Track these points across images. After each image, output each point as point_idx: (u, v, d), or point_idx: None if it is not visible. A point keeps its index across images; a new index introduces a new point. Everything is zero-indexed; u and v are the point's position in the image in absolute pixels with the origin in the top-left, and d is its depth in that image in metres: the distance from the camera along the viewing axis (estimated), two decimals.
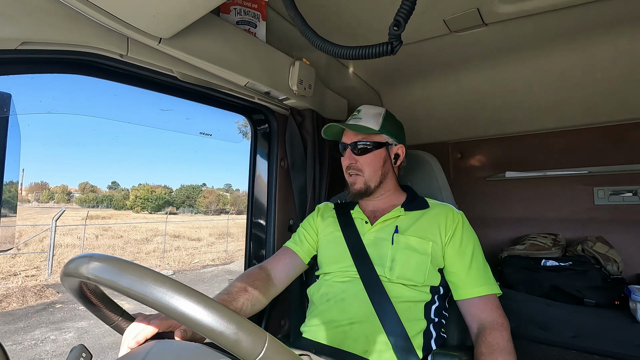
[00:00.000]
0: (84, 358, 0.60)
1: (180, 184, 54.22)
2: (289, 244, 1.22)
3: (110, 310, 0.66)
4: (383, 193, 1.18)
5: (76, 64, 0.86)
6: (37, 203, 44.76)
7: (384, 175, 1.16)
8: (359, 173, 1.14)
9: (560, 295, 1.57)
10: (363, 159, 1.14)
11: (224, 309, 0.41)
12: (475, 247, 1.06)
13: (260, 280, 1.06)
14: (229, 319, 0.40)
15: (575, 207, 1.85)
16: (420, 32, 1.38)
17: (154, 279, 0.42)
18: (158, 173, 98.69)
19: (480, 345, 0.92)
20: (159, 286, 0.41)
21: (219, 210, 42.16)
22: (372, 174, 1.14)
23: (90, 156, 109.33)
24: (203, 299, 0.41)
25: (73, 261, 0.47)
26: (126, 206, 41.28)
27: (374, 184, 1.14)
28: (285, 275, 1.15)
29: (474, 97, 1.83)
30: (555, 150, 1.89)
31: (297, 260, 1.18)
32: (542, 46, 1.46)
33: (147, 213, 35.80)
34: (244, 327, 0.40)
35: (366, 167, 1.14)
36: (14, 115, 0.71)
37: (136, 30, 0.82)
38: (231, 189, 55.70)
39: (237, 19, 1.11)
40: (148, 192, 42.23)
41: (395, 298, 0.98)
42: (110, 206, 31.03)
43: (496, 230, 2.04)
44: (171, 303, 0.40)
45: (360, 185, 1.14)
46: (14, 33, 0.68)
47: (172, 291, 0.41)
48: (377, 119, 1.16)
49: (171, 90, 1.13)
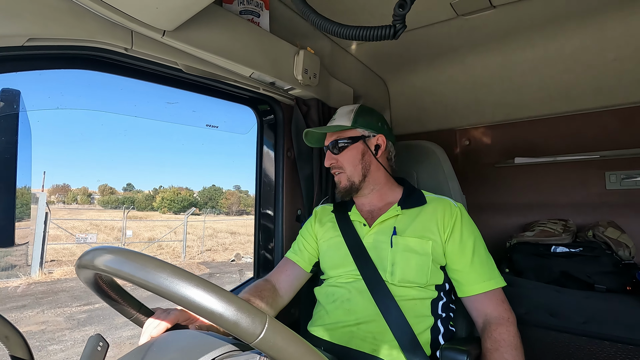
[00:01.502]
0: (101, 347, 0.62)
1: (202, 186, 56.06)
2: (289, 254, 1.24)
3: (129, 304, 0.68)
4: (373, 187, 1.17)
5: (82, 59, 0.87)
6: (63, 205, 46.02)
7: (366, 169, 1.15)
8: (341, 171, 1.16)
9: (570, 281, 1.56)
10: (341, 157, 1.16)
11: (223, 292, 0.41)
12: (477, 241, 1.04)
13: (267, 291, 1.10)
14: (228, 301, 0.40)
15: (586, 192, 1.82)
16: (426, 17, 1.35)
17: (156, 265, 0.43)
18: (170, 175, 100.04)
19: (486, 340, 0.92)
20: (160, 272, 0.42)
21: (240, 211, 43.38)
22: (353, 169, 1.15)
23: (97, 159, 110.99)
24: (202, 282, 0.42)
25: (86, 254, 0.48)
26: (151, 207, 42.89)
27: (357, 179, 1.15)
28: (289, 286, 1.17)
29: (481, 82, 1.80)
30: (565, 134, 1.85)
31: (299, 270, 1.20)
32: (552, 27, 1.42)
33: (172, 214, 36.97)
34: (244, 308, 0.40)
35: (346, 163, 1.15)
36: (23, 111, 0.72)
37: (140, 23, 0.81)
38: (239, 189, 57.15)
39: (240, 9, 1.10)
40: (174, 194, 45.24)
41: (400, 297, 0.99)
42: (132, 207, 31.51)
43: (505, 217, 2.02)
44: (171, 287, 0.41)
45: (345, 182, 1.15)
46: (20, 30, 0.68)
47: (172, 277, 0.41)
48: (349, 115, 1.17)
49: (176, 82, 1.13)
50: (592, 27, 1.40)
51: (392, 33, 0.69)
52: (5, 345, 0.59)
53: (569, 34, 1.45)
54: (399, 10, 0.65)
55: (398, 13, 0.66)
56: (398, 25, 0.68)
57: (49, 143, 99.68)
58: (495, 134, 2.06)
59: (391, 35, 0.69)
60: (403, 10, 0.65)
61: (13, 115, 0.70)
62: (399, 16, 0.66)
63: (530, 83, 1.71)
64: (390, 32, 0.69)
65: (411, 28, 1.43)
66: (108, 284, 0.59)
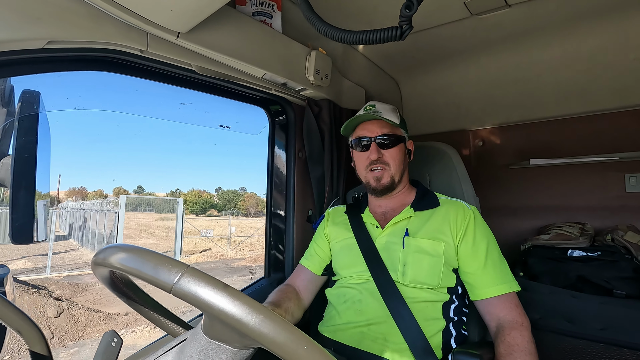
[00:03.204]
0: (115, 343, 0.63)
1: (222, 189, 59.17)
2: (303, 261, 1.27)
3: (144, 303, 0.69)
4: (401, 189, 1.17)
5: (99, 61, 0.89)
6: None
7: (404, 170, 1.16)
8: (385, 167, 1.11)
9: (587, 286, 1.52)
10: (389, 153, 1.11)
11: (148, 251, 0.43)
12: (490, 244, 1.03)
13: (291, 293, 1.15)
14: (148, 255, 0.42)
15: (604, 195, 1.77)
16: (438, 17, 1.34)
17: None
18: (186, 178, 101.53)
19: (499, 345, 0.91)
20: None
21: (258, 212, 44.58)
22: (398, 167, 1.12)
23: (108, 162, 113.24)
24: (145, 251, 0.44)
25: (101, 252, 0.49)
26: (170, 210, 44.41)
27: (398, 178, 1.13)
28: (306, 289, 1.21)
29: (496, 83, 1.76)
30: (583, 135, 1.81)
31: (312, 275, 1.23)
32: (570, 26, 1.39)
33: (194, 216, 38.49)
34: (163, 260, 0.41)
35: (392, 160, 1.11)
36: (43, 112, 0.74)
37: (155, 25, 0.83)
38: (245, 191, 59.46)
39: (253, 10, 1.11)
40: (195, 197, 49.14)
41: (411, 299, 0.98)
42: (151, 209, 32.32)
43: (519, 220, 1.98)
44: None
45: (387, 179, 1.11)
46: (41, 33, 0.70)
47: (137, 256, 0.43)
48: (396, 114, 1.16)
49: (190, 84, 1.15)
50: (611, 26, 1.36)
51: (398, 34, 0.67)
52: (25, 340, 0.60)
53: (587, 33, 1.41)
54: (405, 11, 0.64)
55: (405, 14, 0.64)
56: (405, 26, 0.66)
57: (63, 144, 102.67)
58: (510, 135, 2.02)
59: (397, 37, 0.68)
60: (410, 11, 0.63)
61: (33, 115, 0.72)
62: (405, 17, 0.65)
63: (546, 83, 1.67)
64: (397, 33, 0.67)
65: (424, 28, 1.42)
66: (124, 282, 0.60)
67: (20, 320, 0.59)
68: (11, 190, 0.70)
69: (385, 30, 0.68)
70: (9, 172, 0.73)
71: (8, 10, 0.66)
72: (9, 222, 0.68)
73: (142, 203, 32.37)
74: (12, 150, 0.75)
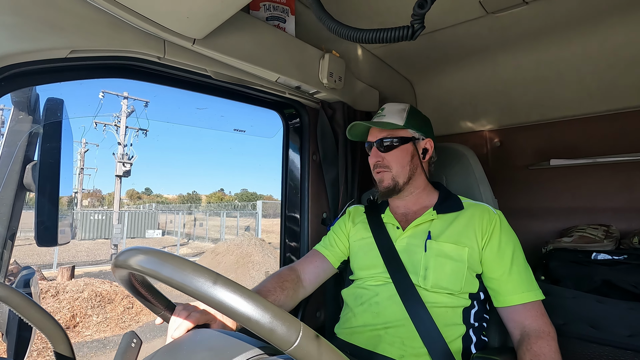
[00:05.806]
0: (135, 344, 0.65)
1: (242, 190, 62.20)
2: (319, 247, 1.23)
3: (157, 301, 0.70)
4: (412, 191, 1.14)
5: (119, 68, 0.92)
6: (101, 208, 49.87)
7: (413, 171, 1.12)
8: (386, 170, 1.11)
9: (613, 291, 1.46)
10: (389, 156, 1.11)
11: (259, 299, 0.42)
12: (516, 250, 1.00)
13: (289, 281, 1.09)
14: (264, 308, 0.41)
15: (630, 196, 1.70)
16: (454, 16, 1.32)
17: (193, 269, 0.44)
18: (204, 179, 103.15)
19: (525, 353, 0.88)
20: (198, 276, 0.43)
21: (276, 214, 45.37)
22: (400, 169, 1.11)
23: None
24: (240, 288, 0.43)
25: (122, 254, 0.50)
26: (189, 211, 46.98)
27: (402, 180, 1.11)
28: (315, 278, 1.17)
29: (513, 82, 1.73)
30: (606, 135, 1.74)
31: (327, 264, 1.19)
32: (591, 22, 1.35)
33: (214, 216, 39.66)
34: (279, 315, 0.41)
35: (393, 163, 1.11)
36: (66, 119, 0.77)
37: (171, 32, 0.85)
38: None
39: (267, 15, 1.12)
40: (218, 199, 52.90)
41: (431, 303, 0.96)
42: (167, 211, 33.32)
43: (540, 222, 1.92)
44: (209, 292, 0.42)
45: (389, 181, 1.11)
46: (64, 43, 0.73)
47: (210, 281, 0.43)
48: (402, 114, 1.13)
49: (206, 89, 1.17)
50: (636, 21, 1.31)
51: (409, 34, 0.66)
52: (49, 340, 0.62)
53: (610, 29, 1.36)
54: (418, 10, 0.62)
55: (417, 12, 0.63)
56: (417, 25, 0.65)
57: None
58: (529, 135, 1.97)
59: (409, 36, 0.66)
60: (422, 10, 0.62)
61: (57, 122, 0.75)
62: (418, 16, 0.64)
63: (567, 81, 1.62)
64: (408, 32, 0.66)
65: (438, 28, 1.40)
66: (140, 282, 0.62)
67: (46, 320, 0.61)
68: (36, 194, 0.72)
69: (396, 30, 0.67)
70: (35, 177, 0.76)
71: (33, 21, 0.69)
72: (34, 225, 0.70)
73: (227, 207, 33.70)
74: (37, 156, 0.78)
